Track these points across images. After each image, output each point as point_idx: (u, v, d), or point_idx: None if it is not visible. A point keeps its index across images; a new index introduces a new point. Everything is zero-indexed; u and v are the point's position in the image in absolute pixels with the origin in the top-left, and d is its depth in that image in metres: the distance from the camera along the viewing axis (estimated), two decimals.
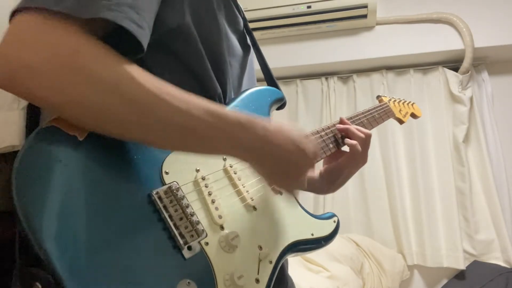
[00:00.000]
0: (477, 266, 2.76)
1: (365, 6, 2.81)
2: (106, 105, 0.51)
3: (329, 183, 1.01)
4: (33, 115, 0.69)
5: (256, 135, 0.63)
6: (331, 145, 0.96)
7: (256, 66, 1.00)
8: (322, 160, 1.01)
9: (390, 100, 1.33)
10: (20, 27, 0.50)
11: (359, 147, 0.96)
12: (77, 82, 0.50)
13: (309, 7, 2.87)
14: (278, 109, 0.97)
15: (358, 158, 0.97)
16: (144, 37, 0.56)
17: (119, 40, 0.54)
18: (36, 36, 0.49)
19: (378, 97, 1.35)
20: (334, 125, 1.01)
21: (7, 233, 0.61)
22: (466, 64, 2.85)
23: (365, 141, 0.98)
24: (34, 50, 0.48)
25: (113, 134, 0.55)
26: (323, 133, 0.96)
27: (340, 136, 1.00)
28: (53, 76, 0.49)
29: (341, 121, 1.02)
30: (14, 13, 0.51)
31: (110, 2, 0.52)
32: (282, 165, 0.68)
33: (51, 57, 0.49)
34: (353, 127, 0.99)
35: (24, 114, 0.68)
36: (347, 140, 0.97)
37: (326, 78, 3.32)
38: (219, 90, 0.79)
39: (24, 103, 0.68)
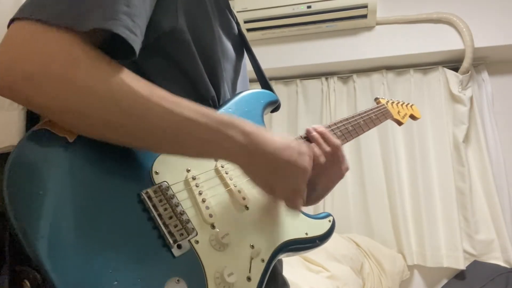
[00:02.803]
0: (477, 266, 2.75)
1: (365, 6, 2.82)
2: (101, 112, 0.53)
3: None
4: (33, 115, 0.70)
5: (248, 134, 0.64)
6: None
7: (249, 68, 1.00)
8: None
9: (388, 101, 1.34)
10: (18, 36, 0.52)
11: (322, 159, 0.84)
12: (73, 91, 0.52)
13: (309, 7, 2.88)
14: (272, 111, 0.97)
15: (330, 174, 0.89)
16: (137, 44, 0.57)
17: (114, 44, 0.56)
18: (35, 45, 0.51)
19: (376, 99, 1.35)
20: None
21: (6, 233, 0.61)
22: (466, 64, 2.85)
23: (333, 155, 0.87)
24: (32, 60, 0.50)
25: (108, 139, 0.57)
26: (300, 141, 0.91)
27: None
28: (50, 85, 0.51)
29: (311, 130, 0.91)
30: (12, 20, 0.53)
31: (106, 11, 0.54)
32: (276, 166, 0.67)
33: (48, 66, 0.51)
34: (320, 139, 0.88)
35: (24, 114, 0.68)
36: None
37: (326, 78, 3.32)
38: (213, 93, 0.80)
39: None
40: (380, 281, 2.62)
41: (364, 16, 2.89)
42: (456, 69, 2.97)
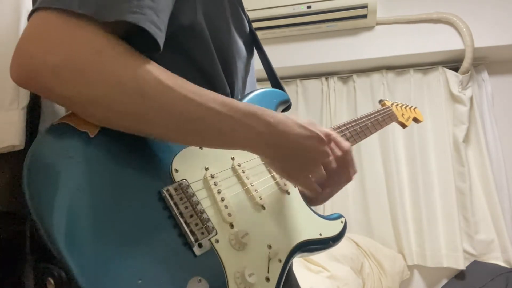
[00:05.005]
0: (477, 266, 2.76)
1: (365, 6, 2.81)
2: (126, 102, 0.52)
3: (311, 197, 0.88)
4: (33, 115, 0.68)
5: (268, 123, 0.63)
6: None
7: (260, 67, 1.00)
8: None
9: (392, 104, 1.34)
10: (42, 26, 0.51)
11: (333, 164, 0.78)
12: (98, 81, 0.51)
13: (309, 7, 2.87)
14: (283, 111, 0.97)
15: (339, 177, 0.83)
16: (162, 39, 0.57)
17: (137, 39, 0.55)
18: (59, 35, 0.50)
19: (380, 101, 1.35)
20: None
21: (7, 233, 0.60)
22: (466, 64, 2.85)
23: (343, 159, 0.81)
24: (57, 50, 0.49)
25: (131, 130, 0.56)
26: None
27: None
28: (75, 75, 0.50)
29: None
30: (33, 11, 0.51)
31: (132, 4, 0.53)
32: (295, 153, 0.68)
33: (73, 57, 0.50)
34: (331, 145, 0.81)
35: (24, 114, 0.67)
36: None
37: (326, 78, 3.32)
38: (228, 90, 0.79)
39: (24, 103, 0.68)
40: (380, 281, 2.62)
41: (364, 16, 2.89)
42: (456, 69, 2.98)
